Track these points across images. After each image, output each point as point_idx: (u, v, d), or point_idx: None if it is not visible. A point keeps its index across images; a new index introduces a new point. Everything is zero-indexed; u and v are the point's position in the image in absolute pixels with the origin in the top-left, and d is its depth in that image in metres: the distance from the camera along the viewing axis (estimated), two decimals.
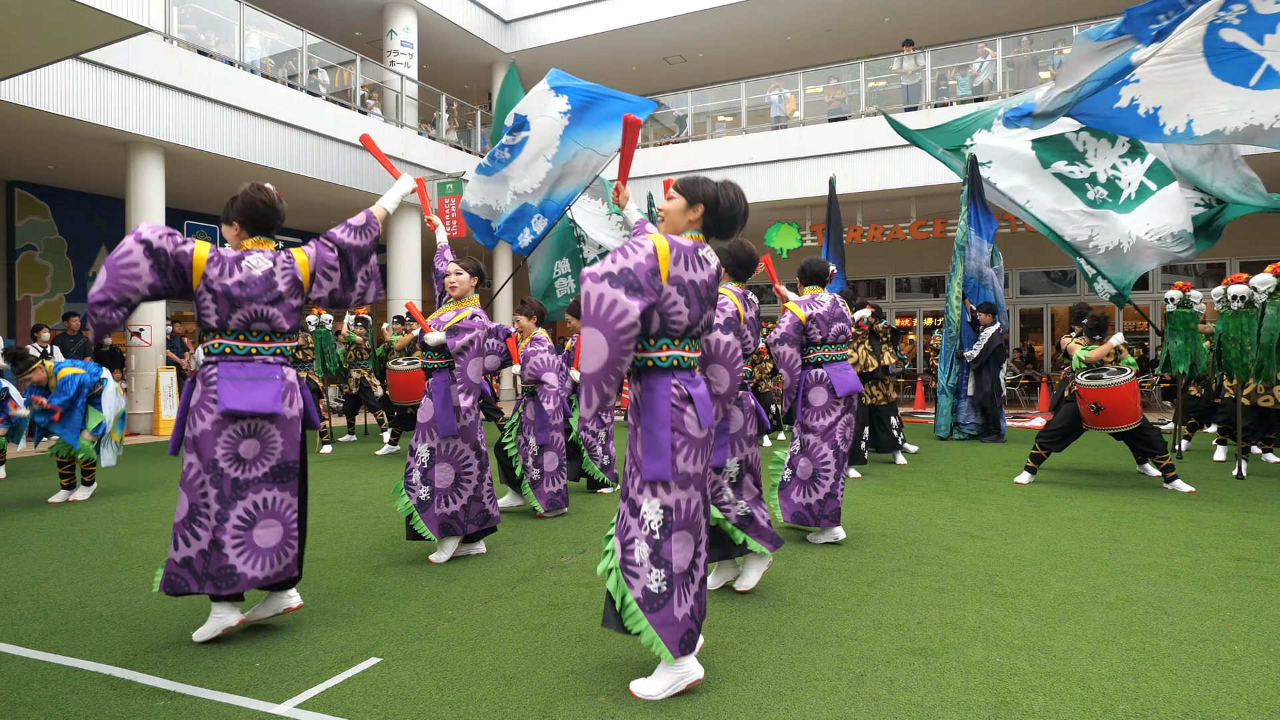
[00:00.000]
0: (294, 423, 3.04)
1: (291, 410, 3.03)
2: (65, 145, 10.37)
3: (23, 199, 12.30)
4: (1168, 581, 3.69)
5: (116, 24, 6.61)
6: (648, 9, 15.34)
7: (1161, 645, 2.90)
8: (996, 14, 14.75)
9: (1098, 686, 2.57)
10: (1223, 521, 4.94)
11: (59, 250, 12.71)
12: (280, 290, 2.99)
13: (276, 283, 2.98)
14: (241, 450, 2.93)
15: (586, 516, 5.27)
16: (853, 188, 13.30)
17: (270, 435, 2.98)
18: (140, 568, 4.05)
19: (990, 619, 3.20)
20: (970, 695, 2.51)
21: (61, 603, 3.49)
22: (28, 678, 2.68)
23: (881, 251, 16.89)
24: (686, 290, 2.46)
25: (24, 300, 12.26)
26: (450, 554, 4.14)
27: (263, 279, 2.96)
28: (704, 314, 2.55)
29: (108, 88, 9.54)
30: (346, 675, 2.69)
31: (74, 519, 5.27)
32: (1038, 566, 3.96)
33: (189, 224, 14.41)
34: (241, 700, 2.51)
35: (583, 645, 2.95)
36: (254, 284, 2.94)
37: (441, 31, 15.17)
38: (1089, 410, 6.03)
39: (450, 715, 2.40)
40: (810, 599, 3.48)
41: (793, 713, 2.40)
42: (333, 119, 12.34)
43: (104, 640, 3.03)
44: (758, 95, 14.95)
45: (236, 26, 11.24)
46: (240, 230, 3.07)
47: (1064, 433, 6.27)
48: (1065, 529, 4.78)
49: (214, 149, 10.68)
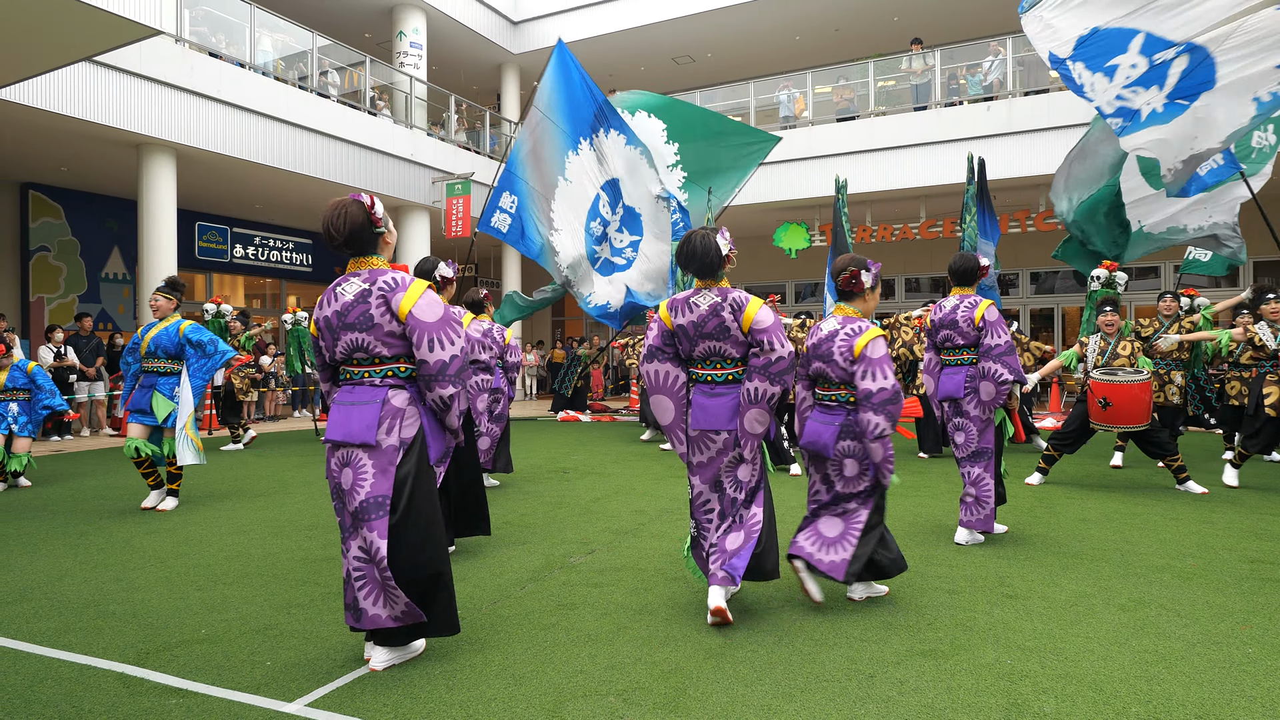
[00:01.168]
0: (388, 452, 2.66)
1: (388, 439, 2.67)
2: (78, 147, 10.46)
3: (37, 200, 12.40)
4: (1181, 584, 3.66)
5: (129, 27, 6.66)
6: (656, 10, 15.34)
7: (1175, 648, 2.88)
8: (1006, 12, 14.66)
9: (1110, 689, 2.55)
10: (1236, 523, 4.90)
11: (72, 251, 12.81)
12: (374, 316, 2.68)
13: (369, 307, 2.68)
14: (341, 481, 2.71)
15: (596, 518, 5.28)
16: (862, 187, 13.26)
17: (361, 466, 2.67)
18: (152, 567, 4.08)
19: (1001, 620, 3.18)
20: (981, 697, 2.50)
21: (75, 601, 3.52)
22: (42, 675, 2.71)
23: (890, 251, 16.83)
24: (678, 331, 3.27)
25: (38, 301, 12.36)
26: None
27: (354, 302, 2.70)
28: (696, 345, 3.22)
29: (120, 90, 9.61)
30: (357, 674, 2.70)
31: (87, 519, 5.31)
32: (1049, 568, 3.94)
33: (200, 225, 14.50)
34: (253, 699, 2.52)
35: (592, 645, 2.95)
36: (346, 310, 2.71)
37: (450, 33, 15.22)
38: (1096, 405, 5.97)
39: (460, 714, 2.41)
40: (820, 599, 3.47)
41: (803, 714, 2.40)
42: (342, 120, 12.39)
43: (117, 638, 3.05)
44: (766, 95, 14.92)
45: (247, 29, 11.30)
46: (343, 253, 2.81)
47: (1076, 435, 6.22)
48: (1077, 530, 4.75)
49: (225, 150, 10.75)
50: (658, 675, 2.68)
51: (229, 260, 15.12)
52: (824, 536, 3.40)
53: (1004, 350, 4.25)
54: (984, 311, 4.34)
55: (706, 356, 3.23)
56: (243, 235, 15.35)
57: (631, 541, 4.58)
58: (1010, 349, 4.27)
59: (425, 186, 14.02)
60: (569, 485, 6.55)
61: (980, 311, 4.35)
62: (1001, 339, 4.27)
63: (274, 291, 16.95)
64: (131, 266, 13.29)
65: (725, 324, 3.14)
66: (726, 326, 3.14)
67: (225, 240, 15.02)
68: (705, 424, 3.19)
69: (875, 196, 13.88)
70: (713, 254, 3.17)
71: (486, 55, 16.55)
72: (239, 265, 15.39)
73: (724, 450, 3.21)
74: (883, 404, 3.21)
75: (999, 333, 4.28)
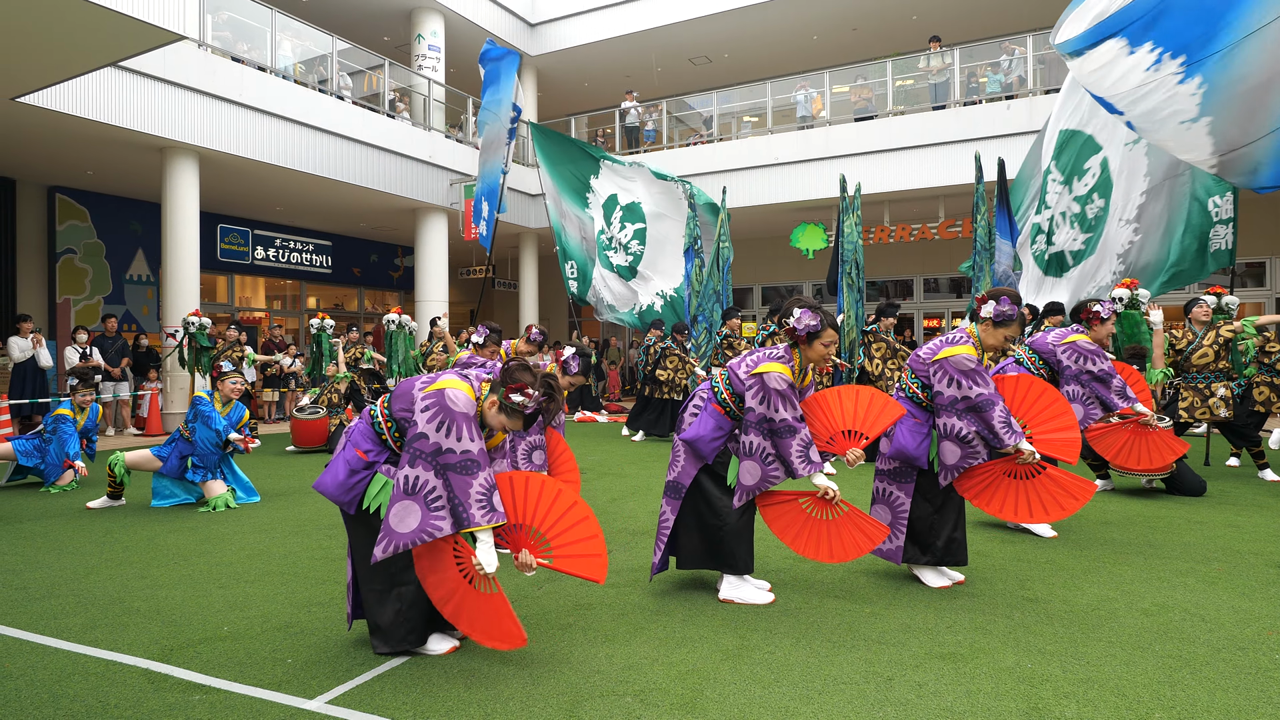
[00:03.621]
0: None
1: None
2: (104, 151, 10.61)
3: (63, 204, 12.60)
4: (1205, 588, 3.61)
5: (153, 32, 6.76)
6: (673, 10, 15.32)
7: (1199, 653, 2.84)
8: (1026, 9, 14.53)
9: (1132, 694, 2.52)
10: (1263, 528, 4.82)
11: (98, 254, 13.00)
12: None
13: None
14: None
15: (612, 518, 5.28)
16: (880, 187, 13.17)
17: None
18: (175, 565, 4.14)
19: (1021, 624, 3.15)
20: (1001, 701, 2.48)
21: (101, 598, 3.58)
22: (69, 670, 2.75)
23: (909, 252, 16.71)
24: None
25: (64, 303, 12.56)
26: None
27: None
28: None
29: (144, 95, 9.74)
30: (377, 672, 2.72)
31: (112, 518, 5.40)
32: (1070, 571, 3.89)
33: (222, 227, 14.67)
34: (274, 695, 2.55)
35: (609, 645, 2.96)
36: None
37: (468, 35, 15.29)
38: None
39: (478, 713, 2.42)
40: (837, 602, 3.45)
41: (820, 716, 2.39)
42: (362, 123, 12.49)
43: (142, 635, 3.10)
44: (783, 95, 14.85)
45: (268, 33, 11.42)
46: None
47: (1099, 461, 6.09)
48: (1098, 533, 4.70)
49: (246, 153, 10.87)
50: (675, 676, 2.68)
51: (250, 262, 15.28)
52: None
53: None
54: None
55: None
56: (263, 237, 15.52)
57: (648, 542, 4.58)
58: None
59: (443, 188, 14.10)
60: (585, 485, 6.56)
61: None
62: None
63: (294, 293, 17.11)
64: (155, 268, 13.47)
65: None
66: None
67: (246, 242, 15.18)
68: None
69: (893, 196, 13.77)
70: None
71: None
72: (260, 267, 15.55)
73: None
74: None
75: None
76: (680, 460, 3.52)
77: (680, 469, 3.51)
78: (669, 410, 10.02)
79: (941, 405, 3.53)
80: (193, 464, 5.63)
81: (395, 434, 2.85)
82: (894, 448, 3.66)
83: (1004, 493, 3.56)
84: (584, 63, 16.80)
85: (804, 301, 3.37)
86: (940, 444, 3.58)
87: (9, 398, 9.43)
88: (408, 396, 2.78)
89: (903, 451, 3.62)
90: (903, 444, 3.62)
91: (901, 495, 3.69)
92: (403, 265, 18.75)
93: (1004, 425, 3.41)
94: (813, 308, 3.34)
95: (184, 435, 5.69)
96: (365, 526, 2.85)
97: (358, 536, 2.88)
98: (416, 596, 2.86)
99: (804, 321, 3.32)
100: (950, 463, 3.56)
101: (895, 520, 3.70)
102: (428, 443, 2.64)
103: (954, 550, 3.67)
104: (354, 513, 2.85)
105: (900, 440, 3.63)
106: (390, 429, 2.85)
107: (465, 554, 2.74)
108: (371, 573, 2.85)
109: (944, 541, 3.66)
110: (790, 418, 3.24)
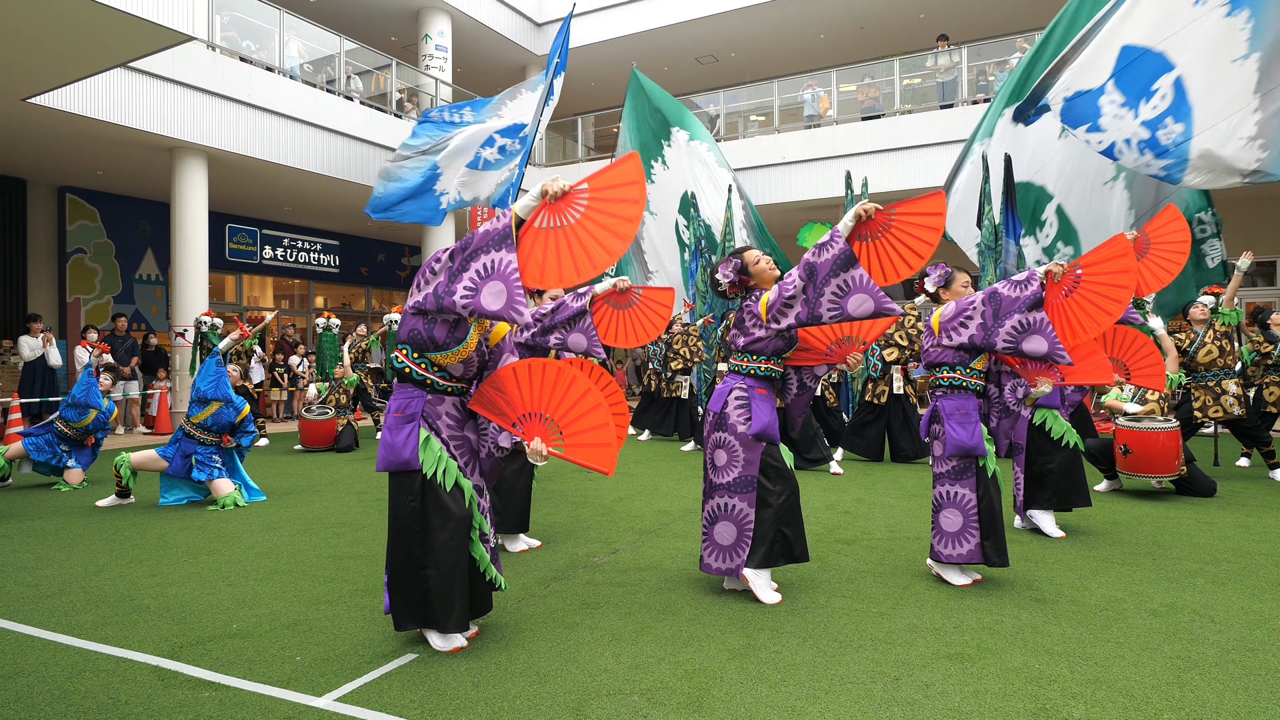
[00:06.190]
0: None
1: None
2: (113, 151, 10.68)
3: (73, 204, 12.68)
4: (1215, 589, 3.59)
5: (162, 33, 6.79)
6: (679, 10, 15.32)
7: (1208, 654, 2.83)
8: (1034, 7, 14.46)
9: (1141, 695, 2.51)
10: (1272, 528, 4.79)
11: (107, 253, 13.08)
12: None
13: None
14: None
15: (619, 517, 5.29)
16: (887, 186, 13.14)
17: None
18: (185, 562, 4.16)
19: (1029, 624, 3.14)
20: (1009, 701, 2.47)
21: (111, 595, 3.60)
22: (80, 667, 2.77)
23: None
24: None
25: (74, 302, 12.64)
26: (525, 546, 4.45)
27: None
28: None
29: (153, 95, 9.80)
30: (384, 670, 2.74)
31: (122, 516, 5.43)
32: (1078, 572, 3.88)
33: (230, 227, 14.73)
34: (283, 693, 2.56)
35: (615, 644, 2.96)
36: None
37: (475, 35, 15.31)
38: (1119, 451, 5.79)
39: (485, 711, 2.43)
40: (844, 602, 3.45)
41: (827, 716, 2.39)
42: (369, 123, 12.53)
43: (152, 632, 3.12)
44: (790, 94, 14.82)
45: (276, 33, 11.47)
46: None
47: (1107, 462, 6.05)
48: (1107, 533, 4.68)
49: (255, 153, 10.91)
50: (681, 675, 2.68)
51: (258, 261, 15.34)
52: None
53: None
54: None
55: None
56: (271, 237, 15.58)
57: (655, 541, 4.58)
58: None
59: None
60: (592, 485, 6.57)
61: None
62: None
63: (301, 292, 17.17)
64: (164, 268, 13.55)
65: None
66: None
67: (255, 242, 15.25)
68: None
69: (901, 195, 13.74)
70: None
71: (511, 57, 16.63)
72: (268, 266, 15.61)
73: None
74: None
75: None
76: (739, 454, 3.46)
77: (743, 462, 3.46)
78: (674, 409, 10.00)
79: (1010, 311, 3.57)
80: (197, 462, 5.69)
81: (414, 356, 2.88)
82: (949, 447, 3.66)
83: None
84: (590, 62, 16.79)
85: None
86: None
87: (20, 396, 9.50)
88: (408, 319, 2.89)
89: (959, 445, 3.63)
90: (957, 439, 3.63)
91: (966, 492, 3.68)
92: (410, 265, 18.79)
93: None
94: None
95: (186, 431, 5.79)
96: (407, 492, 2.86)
97: (400, 505, 2.88)
98: (439, 581, 2.85)
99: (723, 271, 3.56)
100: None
101: (966, 521, 3.66)
102: (453, 259, 2.74)
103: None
104: (415, 468, 2.83)
105: (953, 436, 3.64)
106: (410, 355, 2.88)
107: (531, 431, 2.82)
108: (403, 548, 2.88)
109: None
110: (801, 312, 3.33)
